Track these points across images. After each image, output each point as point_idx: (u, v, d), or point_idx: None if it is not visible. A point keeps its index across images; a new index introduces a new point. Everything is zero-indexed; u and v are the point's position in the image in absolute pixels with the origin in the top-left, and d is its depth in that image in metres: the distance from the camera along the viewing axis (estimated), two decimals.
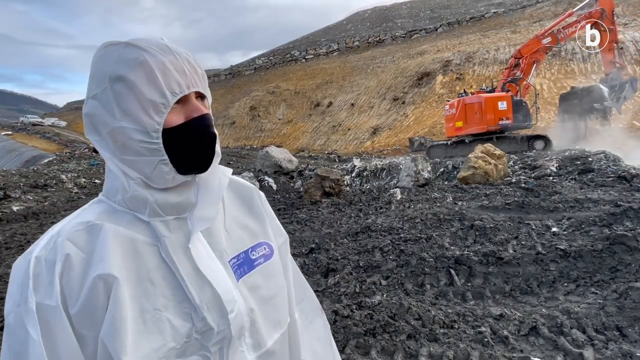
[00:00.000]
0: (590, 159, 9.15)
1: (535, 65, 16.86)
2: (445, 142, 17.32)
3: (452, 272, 4.07)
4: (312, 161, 19.42)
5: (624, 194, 6.31)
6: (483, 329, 3.01)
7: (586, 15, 15.54)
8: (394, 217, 6.43)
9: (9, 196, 12.42)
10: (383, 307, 3.31)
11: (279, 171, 12.07)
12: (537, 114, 16.89)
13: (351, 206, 8.18)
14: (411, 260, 4.35)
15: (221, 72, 68.37)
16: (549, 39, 16.30)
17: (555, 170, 9.01)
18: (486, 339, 2.88)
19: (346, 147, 32.67)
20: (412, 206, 7.29)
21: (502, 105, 15.46)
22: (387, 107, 37.10)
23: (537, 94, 18.94)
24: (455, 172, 10.16)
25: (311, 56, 61.20)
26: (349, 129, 36.36)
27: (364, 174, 11.06)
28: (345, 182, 10.05)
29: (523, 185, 7.89)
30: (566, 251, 4.09)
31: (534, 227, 5.06)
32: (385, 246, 4.90)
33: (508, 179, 9.12)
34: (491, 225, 5.19)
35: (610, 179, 7.51)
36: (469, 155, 9.49)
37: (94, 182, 15.84)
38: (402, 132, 31.35)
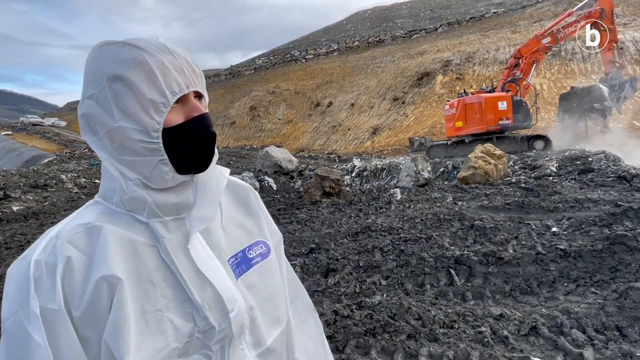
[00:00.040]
0: (590, 159, 9.14)
1: (535, 65, 16.86)
2: (445, 142, 17.31)
3: (452, 272, 4.07)
4: (312, 161, 19.43)
5: (624, 194, 6.30)
6: (483, 329, 3.01)
7: (586, 15, 15.54)
8: (394, 217, 6.43)
9: (9, 196, 12.42)
10: (383, 307, 3.30)
11: (279, 171, 12.08)
12: (537, 114, 16.88)
13: (351, 206, 8.17)
14: (411, 260, 4.35)
15: (221, 72, 68.38)
16: (548, 39, 16.30)
17: (555, 170, 9.01)
18: (486, 339, 2.88)
19: (346, 147, 32.67)
20: (412, 206, 7.28)
21: (502, 105, 15.45)
22: (387, 107, 37.10)
23: (537, 94, 18.94)
24: (455, 172, 10.15)
25: (311, 56, 61.20)
26: (349, 129, 36.36)
27: (364, 174, 11.06)
28: (345, 182, 10.05)
29: (523, 185, 7.88)
30: (566, 251, 4.09)
31: (534, 227, 5.06)
32: (385, 246, 4.90)
33: (508, 179, 9.12)
34: (491, 225, 5.19)
35: (610, 179, 7.51)
36: (469, 155, 9.49)
37: (94, 182, 15.83)
38: (402, 132, 31.35)
